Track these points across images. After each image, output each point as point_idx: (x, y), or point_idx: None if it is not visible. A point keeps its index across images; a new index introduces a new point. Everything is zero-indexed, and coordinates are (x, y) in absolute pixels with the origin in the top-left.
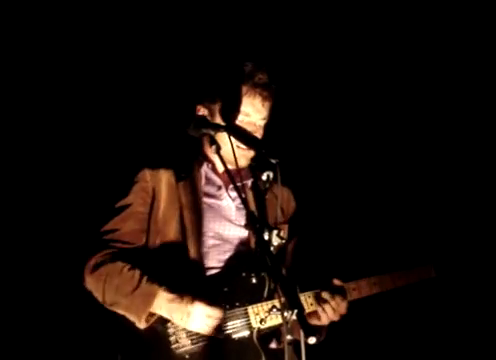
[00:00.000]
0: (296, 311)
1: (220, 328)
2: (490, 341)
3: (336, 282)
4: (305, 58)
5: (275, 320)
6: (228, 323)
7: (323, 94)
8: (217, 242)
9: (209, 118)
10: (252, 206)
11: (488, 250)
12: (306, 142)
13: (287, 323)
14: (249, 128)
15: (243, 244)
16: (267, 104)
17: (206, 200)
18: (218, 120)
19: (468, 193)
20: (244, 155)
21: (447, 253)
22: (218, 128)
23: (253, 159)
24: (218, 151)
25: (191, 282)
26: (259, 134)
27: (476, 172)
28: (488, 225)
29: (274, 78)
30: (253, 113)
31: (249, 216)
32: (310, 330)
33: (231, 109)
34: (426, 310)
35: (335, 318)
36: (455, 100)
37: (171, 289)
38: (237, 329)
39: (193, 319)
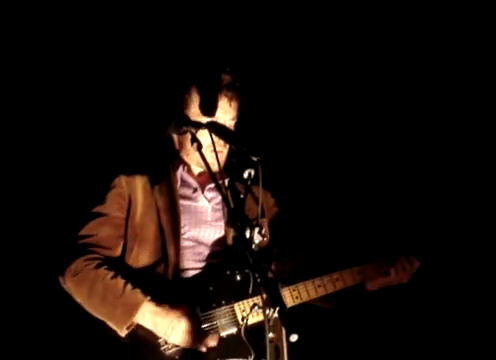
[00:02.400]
0: (278, 308)
1: (200, 344)
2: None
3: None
4: (288, 53)
5: (257, 317)
6: (215, 321)
7: (305, 89)
8: (193, 244)
9: None
10: (231, 205)
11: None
12: (285, 136)
13: (269, 320)
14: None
15: (219, 245)
16: (234, 104)
17: (182, 202)
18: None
19: (445, 187)
20: (221, 151)
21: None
22: (199, 125)
23: (232, 156)
24: (199, 149)
25: (173, 286)
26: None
27: (451, 168)
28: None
29: (239, 77)
30: (221, 115)
31: (230, 214)
32: (292, 327)
33: (200, 113)
34: (424, 310)
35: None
36: (448, 99)
37: (155, 299)
38: (225, 326)
39: (176, 335)
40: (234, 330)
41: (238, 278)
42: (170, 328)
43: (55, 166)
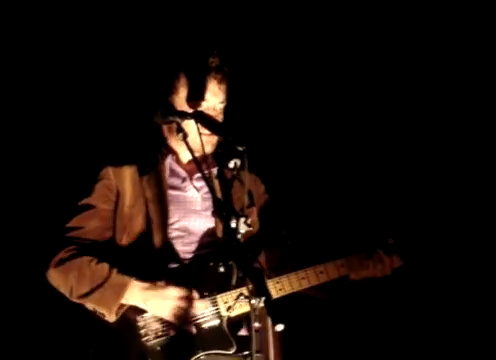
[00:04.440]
0: (264, 298)
1: (193, 316)
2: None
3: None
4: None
5: (243, 308)
6: (198, 313)
7: (292, 77)
8: (182, 234)
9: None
10: (219, 194)
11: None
12: (273, 125)
13: (255, 310)
14: (210, 113)
15: (209, 235)
16: (223, 87)
17: (171, 192)
18: (182, 107)
19: (427, 182)
20: (209, 141)
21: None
22: (185, 116)
23: (219, 146)
24: (185, 138)
25: (158, 274)
26: (220, 118)
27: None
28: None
29: (227, 62)
30: (211, 97)
31: (216, 204)
32: (278, 317)
33: (189, 97)
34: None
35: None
36: (441, 98)
37: (141, 279)
38: (207, 318)
39: (168, 303)
40: (216, 322)
41: (221, 270)
42: (160, 298)
43: (41, 158)
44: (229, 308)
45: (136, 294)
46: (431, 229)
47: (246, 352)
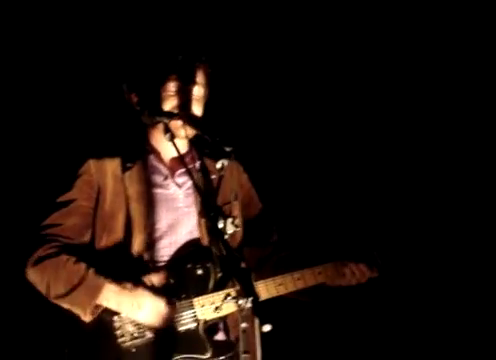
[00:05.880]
0: (251, 299)
1: (168, 320)
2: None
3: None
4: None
5: (230, 308)
6: (174, 315)
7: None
8: (164, 234)
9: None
10: (203, 190)
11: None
12: (263, 127)
13: (242, 311)
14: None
15: (191, 232)
16: (201, 74)
17: (153, 190)
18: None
19: (413, 186)
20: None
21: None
22: (172, 116)
23: (205, 147)
24: (172, 139)
25: (136, 275)
26: (199, 107)
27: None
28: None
29: (216, 56)
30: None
31: (203, 204)
32: (264, 318)
33: (174, 86)
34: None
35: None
36: (436, 100)
37: (117, 281)
38: (183, 321)
39: (143, 310)
40: (193, 325)
41: (199, 272)
42: (136, 305)
43: (24, 152)
44: (217, 308)
45: (110, 297)
46: (414, 238)
47: (222, 357)
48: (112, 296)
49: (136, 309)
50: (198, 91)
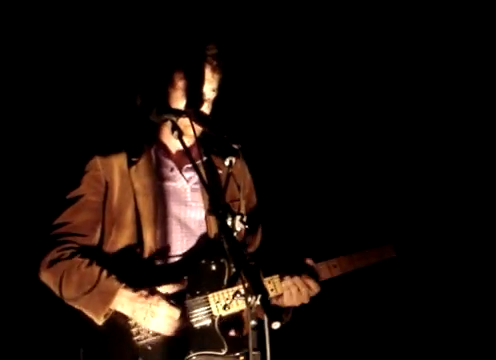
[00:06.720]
0: (260, 296)
1: (180, 330)
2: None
3: (309, 262)
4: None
5: (239, 306)
6: (189, 312)
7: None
8: (174, 227)
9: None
10: (209, 184)
11: (448, 230)
12: (268, 124)
13: (251, 308)
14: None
15: (200, 226)
16: (216, 76)
17: (160, 183)
18: (177, 101)
19: (428, 175)
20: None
21: (406, 233)
22: (180, 113)
23: (213, 145)
24: (180, 136)
25: (149, 272)
26: (208, 108)
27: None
28: (448, 206)
29: (225, 52)
30: (204, 84)
31: (211, 201)
32: (274, 315)
33: (184, 84)
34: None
35: (305, 301)
36: (436, 99)
37: (131, 286)
38: (199, 318)
39: (156, 319)
40: (208, 322)
41: (213, 268)
42: (149, 313)
43: (31, 149)
44: (225, 306)
45: (123, 303)
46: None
47: (238, 353)
48: (126, 302)
49: (149, 318)
50: (206, 88)
